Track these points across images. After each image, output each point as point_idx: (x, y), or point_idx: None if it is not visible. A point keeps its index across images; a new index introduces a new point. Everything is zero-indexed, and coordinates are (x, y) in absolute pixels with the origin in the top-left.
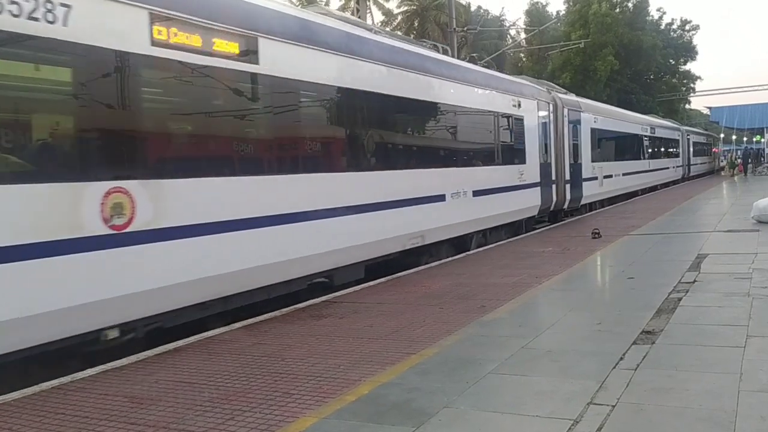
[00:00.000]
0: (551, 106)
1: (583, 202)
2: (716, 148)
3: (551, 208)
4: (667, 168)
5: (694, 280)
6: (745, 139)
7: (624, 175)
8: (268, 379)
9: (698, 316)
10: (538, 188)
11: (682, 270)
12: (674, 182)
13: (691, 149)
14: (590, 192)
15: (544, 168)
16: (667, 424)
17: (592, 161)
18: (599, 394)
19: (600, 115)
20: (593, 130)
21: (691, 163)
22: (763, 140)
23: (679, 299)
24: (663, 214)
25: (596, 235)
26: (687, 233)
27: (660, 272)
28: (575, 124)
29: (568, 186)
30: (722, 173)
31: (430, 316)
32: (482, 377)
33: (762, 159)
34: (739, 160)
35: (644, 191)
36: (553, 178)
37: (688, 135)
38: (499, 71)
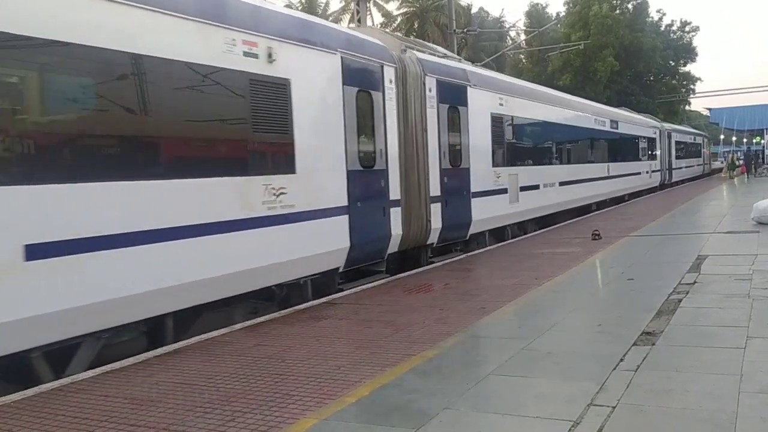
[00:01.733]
0: (391, 70)
1: (476, 229)
2: (707, 149)
3: (390, 249)
4: (638, 173)
5: (695, 282)
6: (744, 140)
7: (562, 184)
8: (268, 380)
9: (698, 317)
10: (346, 217)
11: (682, 271)
12: (650, 190)
13: (674, 150)
14: (491, 213)
15: (363, 179)
16: (667, 426)
17: (497, 165)
18: (599, 396)
19: (510, 95)
20: (497, 118)
21: (674, 166)
22: (762, 141)
23: (680, 301)
24: (663, 216)
25: (596, 237)
26: (687, 234)
27: (660, 274)
28: (456, 105)
29: (437, 207)
30: (721, 175)
31: (431, 317)
32: (482, 379)
33: (762, 161)
34: (740, 161)
35: (602, 204)
36: (395, 196)
37: (669, 133)
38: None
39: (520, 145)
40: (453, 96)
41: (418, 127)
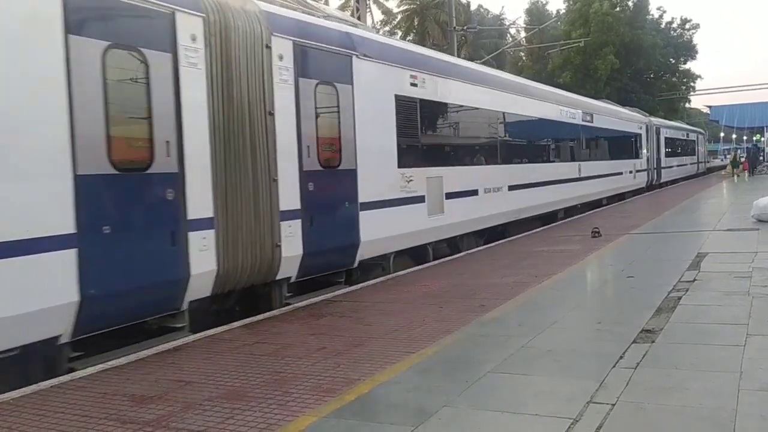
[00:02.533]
0: (194, 22)
1: (369, 253)
2: (702, 146)
3: (193, 295)
4: (619, 173)
5: (694, 279)
6: (744, 138)
7: (513, 189)
8: (267, 378)
9: (698, 315)
10: (71, 254)
11: (681, 269)
12: (635, 192)
13: (663, 147)
14: (396, 229)
15: (122, 189)
16: (666, 423)
17: (407, 165)
18: (599, 394)
19: (431, 74)
20: (408, 103)
21: (663, 165)
22: (762, 139)
23: (679, 298)
24: (663, 213)
25: (596, 234)
26: (687, 232)
27: (660, 271)
28: (332, 82)
29: (294, 225)
30: (722, 172)
31: (430, 315)
32: (482, 376)
33: (762, 158)
34: (742, 158)
35: (571, 211)
36: (200, 213)
37: (658, 129)
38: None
39: (446, 139)
40: (326, 69)
41: (256, 111)
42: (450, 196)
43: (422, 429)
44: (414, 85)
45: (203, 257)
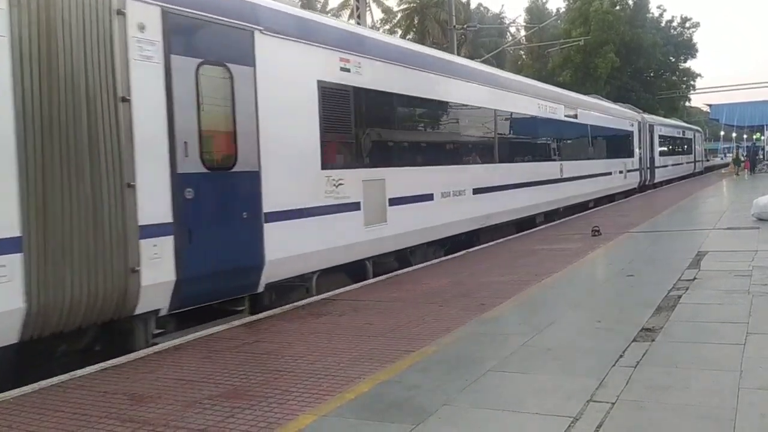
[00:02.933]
0: None
1: (279, 275)
2: (699, 145)
3: None
4: (608, 173)
5: (694, 278)
6: (744, 136)
7: (479, 192)
8: (267, 376)
9: (698, 313)
10: None
11: (682, 267)
12: (626, 193)
13: (657, 146)
14: (320, 244)
15: None
16: (666, 422)
17: (335, 166)
18: (599, 392)
19: (372, 58)
20: (337, 91)
21: (657, 164)
22: (762, 138)
23: (679, 297)
24: (663, 212)
25: (596, 233)
26: (687, 231)
27: (660, 270)
28: (224, 63)
29: (163, 244)
30: (723, 171)
31: (430, 314)
32: (482, 375)
33: (762, 157)
34: (743, 156)
35: (551, 215)
36: None
37: (652, 126)
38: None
39: (389, 135)
40: (215, 46)
41: (99, 96)
42: (395, 202)
43: (422, 427)
44: (345, 69)
45: (1, 293)
